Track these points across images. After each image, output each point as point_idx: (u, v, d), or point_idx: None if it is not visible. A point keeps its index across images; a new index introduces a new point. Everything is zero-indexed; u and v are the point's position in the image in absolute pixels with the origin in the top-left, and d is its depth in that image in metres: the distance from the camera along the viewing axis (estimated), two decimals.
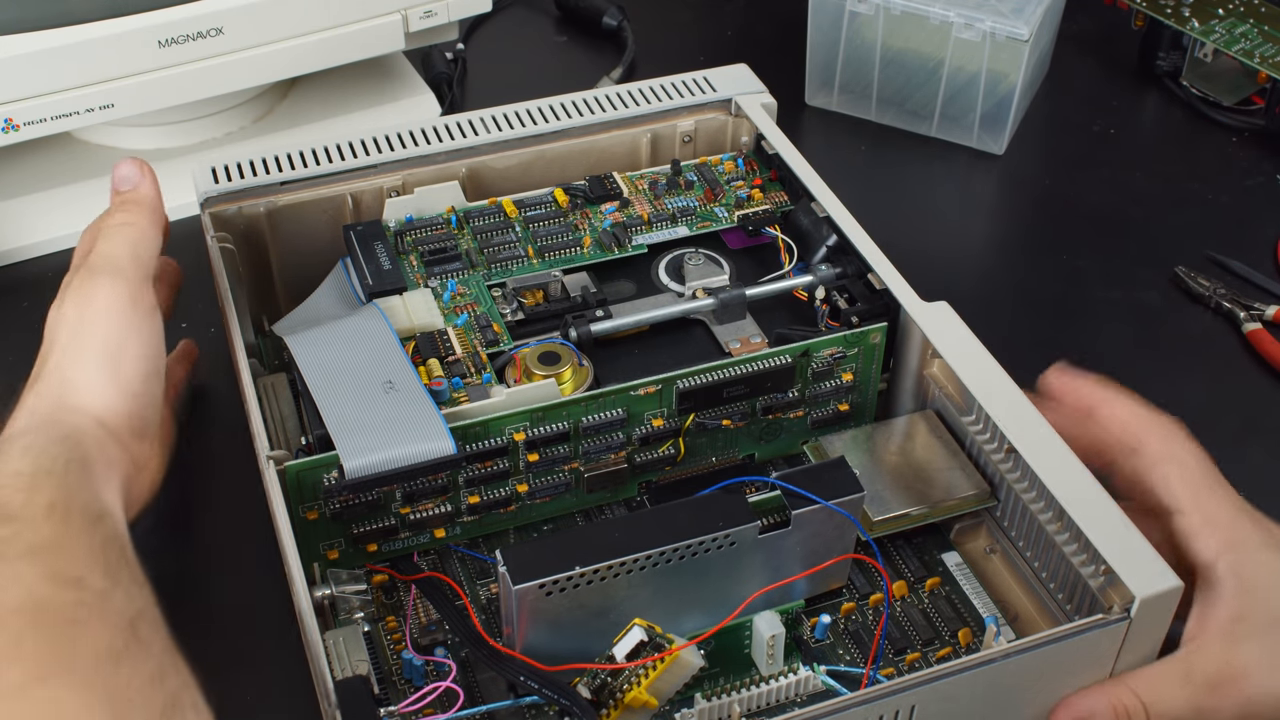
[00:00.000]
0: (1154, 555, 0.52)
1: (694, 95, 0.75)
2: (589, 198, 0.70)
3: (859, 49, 0.91)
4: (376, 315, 0.63)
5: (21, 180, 0.84)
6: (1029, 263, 0.83)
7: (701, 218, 0.70)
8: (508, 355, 0.62)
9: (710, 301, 0.66)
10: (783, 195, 0.72)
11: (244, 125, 0.89)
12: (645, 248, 0.69)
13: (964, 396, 0.60)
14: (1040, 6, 0.86)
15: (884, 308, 0.64)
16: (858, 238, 0.66)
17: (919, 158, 0.91)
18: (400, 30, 0.85)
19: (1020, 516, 0.59)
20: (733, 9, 1.06)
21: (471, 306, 0.64)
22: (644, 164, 0.75)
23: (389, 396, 0.58)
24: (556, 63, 1.01)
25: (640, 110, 0.74)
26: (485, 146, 0.71)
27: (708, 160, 0.74)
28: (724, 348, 0.65)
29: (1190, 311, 0.79)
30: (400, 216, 0.68)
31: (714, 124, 0.76)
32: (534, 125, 0.73)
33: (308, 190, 0.69)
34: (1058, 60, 0.97)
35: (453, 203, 0.69)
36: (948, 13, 0.86)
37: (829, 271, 0.67)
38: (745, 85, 0.76)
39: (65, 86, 0.77)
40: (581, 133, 0.73)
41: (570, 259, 0.68)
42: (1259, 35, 0.91)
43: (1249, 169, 0.90)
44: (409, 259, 0.67)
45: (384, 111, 0.90)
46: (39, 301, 0.79)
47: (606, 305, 0.66)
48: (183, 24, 0.78)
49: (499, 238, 0.68)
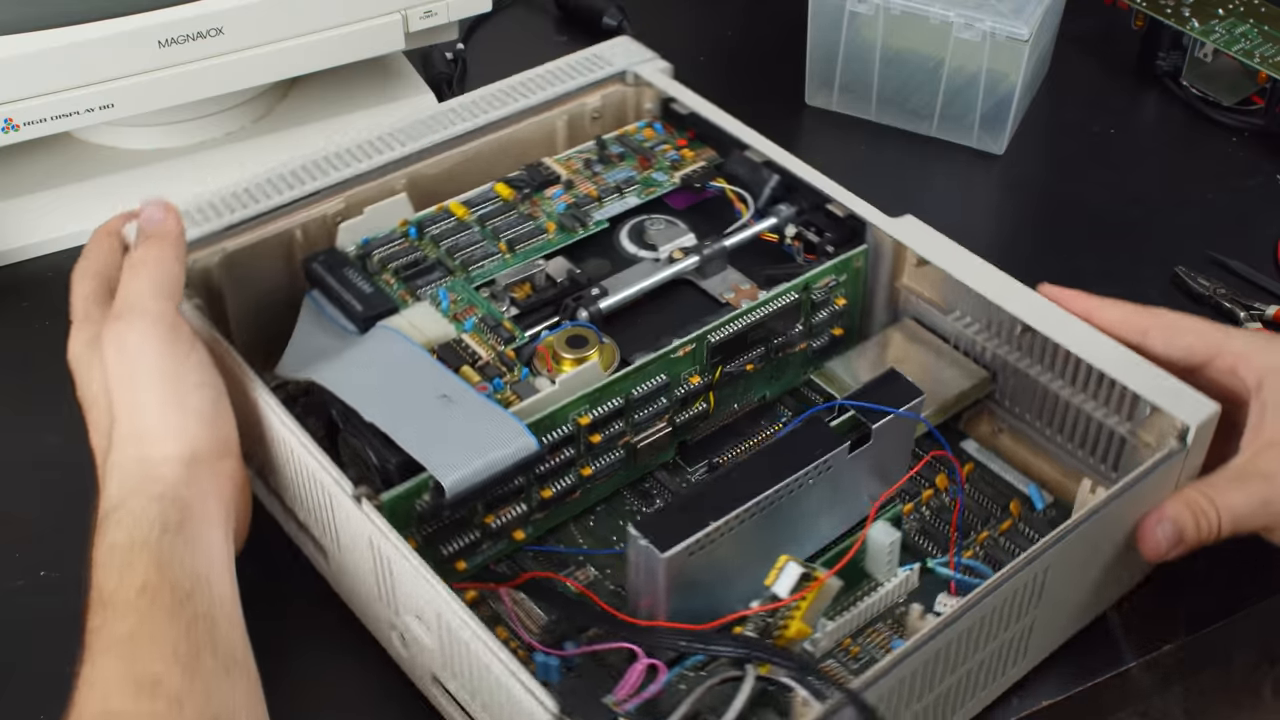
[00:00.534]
0: (1188, 388, 0.58)
1: (591, 73, 0.75)
2: (532, 185, 0.70)
3: (859, 49, 0.91)
4: (393, 336, 0.61)
5: (21, 180, 0.84)
6: (1029, 263, 0.83)
7: (645, 184, 0.72)
8: (531, 347, 0.62)
9: (694, 260, 0.67)
10: (710, 150, 0.74)
11: (244, 125, 0.89)
12: (607, 222, 0.69)
13: (947, 296, 0.66)
14: (1040, 6, 0.86)
15: (852, 231, 0.67)
16: (803, 172, 0.69)
17: (919, 158, 0.91)
18: (400, 30, 0.85)
19: (1024, 392, 0.64)
20: (733, 9, 1.06)
21: (471, 311, 0.64)
22: (562, 147, 0.75)
23: (451, 409, 0.57)
24: None
25: (546, 95, 0.74)
26: (414, 155, 0.70)
27: (626, 131, 0.75)
28: (719, 299, 0.67)
29: (1191, 311, 0.79)
30: (356, 239, 0.67)
31: (616, 97, 0.76)
32: (455, 125, 0.71)
33: (255, 230, 0.65)
34: (1058, 60, 0.97)
35: (403, 216, 0.68)
36: (948, 13, 0.86)
37: (789, 210, 0.69)
38: (636, 55, 0.77)
39: (65, 86, 0.77)
40: (500, 126, 0.72)
41: (542, 246, 0.68)
42: (1259, 35, 0.91)
43: (1249, 169, 0.90)
44: (383, 279, 0.65)
45: (384, 111, 0.90)
46: (39, 301, 0.80)
47: (597, 283, 0.66)
48: (183, 24, 0.78)
49: (464, 240, 0.67)
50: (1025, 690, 0.59)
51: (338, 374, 0.59)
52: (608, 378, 0.60)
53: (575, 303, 0.65)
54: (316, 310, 0.64)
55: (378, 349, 0.61)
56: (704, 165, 0.73)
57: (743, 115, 0.73)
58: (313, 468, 0.56)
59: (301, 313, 0.64)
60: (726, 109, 0.73)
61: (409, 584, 0.52)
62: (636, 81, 0.76)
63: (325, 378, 0.59)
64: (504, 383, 0.60)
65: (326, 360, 0.61)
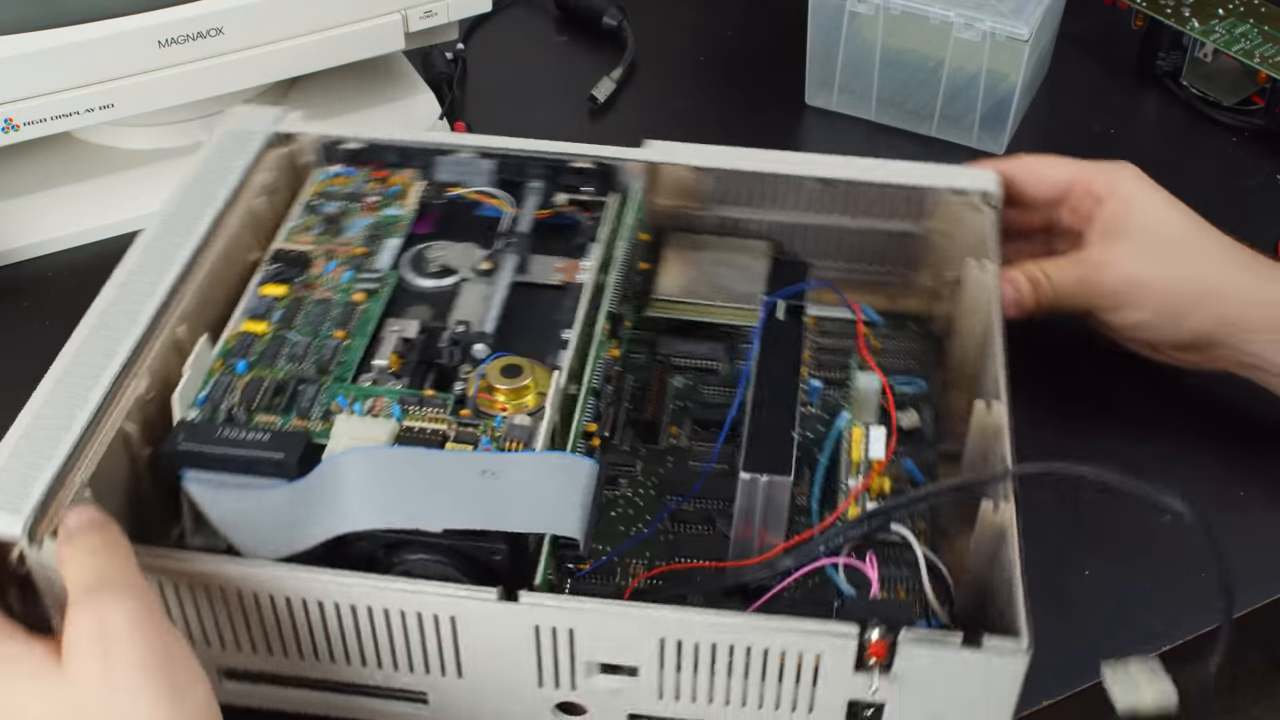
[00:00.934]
0: (962, 168, 0.70)
1: (239, 156, 0.69)
2: (295, 270, 0.65)
3: (859, 49, 0.91)
4: (365, 452, 0.54)
5: (21, 180, 0.84)
6: None
7: (391, 223, 0.68)
8: (470, 401, 0.59)
9: (515, 258, 0.67)
10: (411, 170, 0.72)
11: None
12: (394, 272, 0.66)
13: (703, 189, 0.71)
14: (1040, 6, 0.86)
15: (602, 177, 0.70)
16: (524, 146, 0.70)
17: (919, 158, 0.91)
18: (400, 30, 0.85)
19: (819, 241, 0.72)
20: (733, 9, 1.06)
21: (380, 401, 0.59)
22: (267, 236, 0.69)
23: (501, 476, 0.53)
24: (556, 63, 1.01)
25: (216, 204, 0.66)
26: (170, 300, 0.61)
27: (319, 189, 0.70)
28: (557, 285, 0.66)
29: None
30: (189, 401, 0.59)
31: (277, 163, 0.71)
32: (167, 273, 0.62)
33: (87, 456, 0.54)
34: (1058, 60, 0.97)
35: (208, 358, 0.61)
36: (948, 13, 0.86)
37: (539, 185, 0.70)
38: (266, 118, 0.71)
39: (65, 86, 0.77)
40: (202, 258, 0.64)
41: (369, 316, 0.63)
42: (1259, 35, 0.91)
43: (1249, 169, 0.90)
44: (261, 421, 0.58)
45: (384, 111, 0.90)
46: (39, 301, 0.80)
47: (453, 323, 0.63)
48: (183, 24, 0.78)
49: (298, 348, 0.61)
50: (1025, 690, 0.59)
51: (355, 512, 0.52)
52: (580, 388, 0.60)
53: (455, 346, 0.61)
54: (211, 489, 0.55)
55: (361, 470, 0.53)
56: (426, 184, 0.71)
57: (743, 115, 0.73)
58: (422, 602, 0.51)
59: (195, 502, 0.55)
60: (726, 109, 0.73)
61: (612, 632, 0.51)
62: (287, 140, 0.71)
63: (354, 522, 0.52)
64: (492, 439, 0.57)
65: (310, 514, 0.53)
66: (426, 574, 0.52)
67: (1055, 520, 0.62)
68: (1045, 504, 0.59)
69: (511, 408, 0.58)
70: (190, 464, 0.55)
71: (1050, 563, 0.52)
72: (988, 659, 0.49)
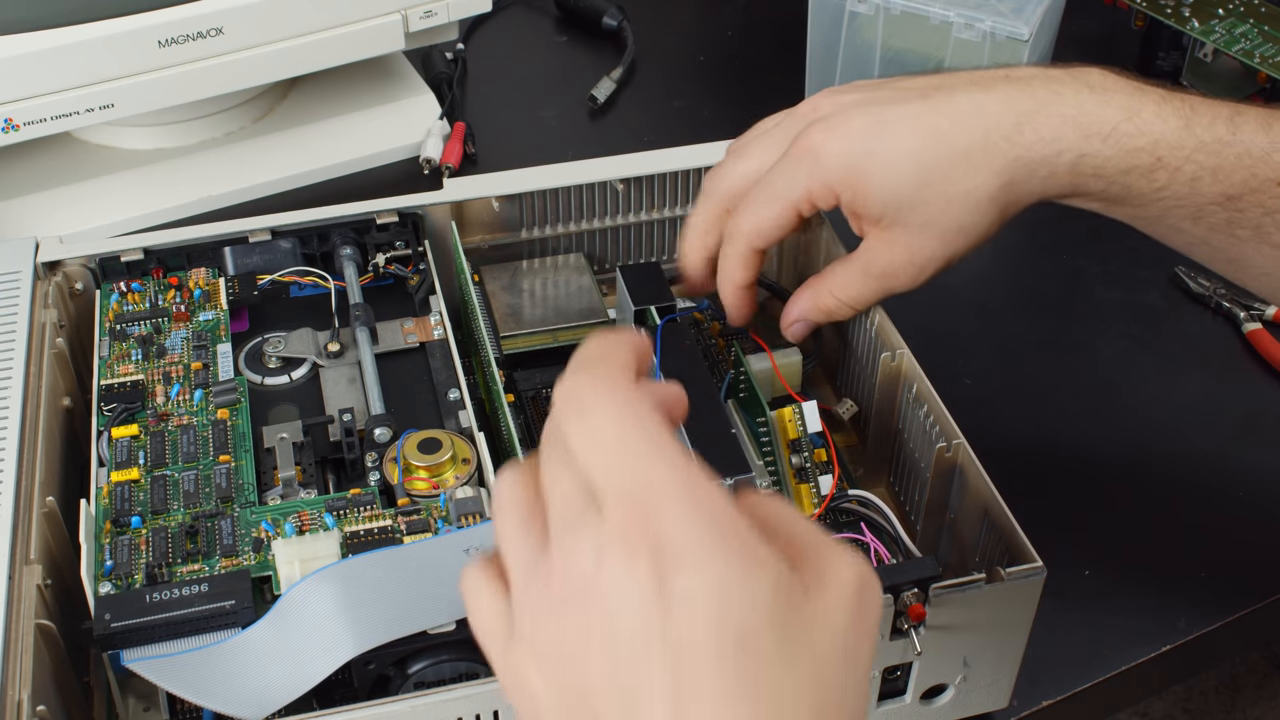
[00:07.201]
0: None
1: (13, 302, 0.63)
2: (133, 402, 0.60)
3: (859, 49, 0.91)
4: (326, 573, 0.50)
5: (21, 180, 0.84)
6: (1029, 263, 0.83)
7: (210, 329, 0.64)
8: (379, 480, 0.57)
9: (365, 330, 0.64)
10: (204, 274, 0.67)
11: (244, 125, 0.89)
12: (242, 378, 0.62)
13: (505, 218, 0.71)
14: (1040, 6, 0.86)
15: (412, 227, 0.69)
16: (317, 216, 0.67)
17: None
18: (400, 30, 0.85)
19: (630, 242, 0.73)
20: (732, 9, 1.06)
21: (305, 515, 0.55)
22: (74, 382, 0.65)
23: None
24: (556, 63, 1.01)
25: (11, 358, 0.60)
26: (13, 466, 0.56)
27: (120, 314, 0.65)
28: (414, 345, 0.65)
29: (1190, 311, 0.79)
30: (96, 574, 0.53)
31: (60, 294, 0.66)
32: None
33: (22, 667, 0.49)
34: (1058, 60, 0.97)
35: (93, 524, 0.55)
36: (948, 13, 0.86)
37: (349, 250, 0.68)
38: (20, 251, 0.65)
39: (65, 86, 0.77)
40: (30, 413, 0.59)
41: (244, 431, 0.59)
42: (1259, 35, 0.91)
43: None
44: (185, 572, 0.53)
45: (384, 111, 0.91)
46: None
47: (337, 414, 0.60)
48: (183, 24, 0.78)
49: (184, 483, 0.57)
50: (1026, 690, 0.59)
51: (354, 637, 0.48)
52: (483, 447, 0.57)
53: (350, 437, 0.59)
54: (162, 664, 0.49)
55: (336, 590, 0.49)
56: (228, 280, 0.67)
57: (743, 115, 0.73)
58: (461, 708, 0.48)
59: (152, 679, 0.49)
60: (726, 109, 0.73)
61: None
62: (54, 269, 0.66)
63: (356, 646, 0.48)
64: (444, 520, 0.55)
65: (297, 653, 0.48)
66: (443, 679, 0.49)
67: (1055, 520, 0.62)
68: (1045, 505, 0.60)
69: (438, 483, 0.56)
70: (128, 643, 0.49)
71: (1050, 563, 0.52)
72: (1012, 588, 0.52)
